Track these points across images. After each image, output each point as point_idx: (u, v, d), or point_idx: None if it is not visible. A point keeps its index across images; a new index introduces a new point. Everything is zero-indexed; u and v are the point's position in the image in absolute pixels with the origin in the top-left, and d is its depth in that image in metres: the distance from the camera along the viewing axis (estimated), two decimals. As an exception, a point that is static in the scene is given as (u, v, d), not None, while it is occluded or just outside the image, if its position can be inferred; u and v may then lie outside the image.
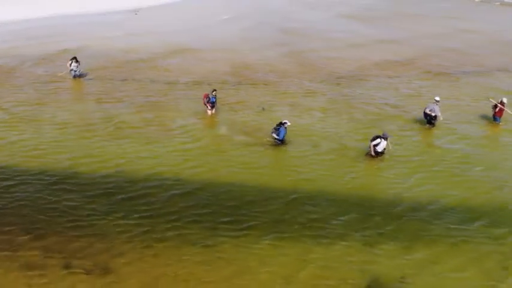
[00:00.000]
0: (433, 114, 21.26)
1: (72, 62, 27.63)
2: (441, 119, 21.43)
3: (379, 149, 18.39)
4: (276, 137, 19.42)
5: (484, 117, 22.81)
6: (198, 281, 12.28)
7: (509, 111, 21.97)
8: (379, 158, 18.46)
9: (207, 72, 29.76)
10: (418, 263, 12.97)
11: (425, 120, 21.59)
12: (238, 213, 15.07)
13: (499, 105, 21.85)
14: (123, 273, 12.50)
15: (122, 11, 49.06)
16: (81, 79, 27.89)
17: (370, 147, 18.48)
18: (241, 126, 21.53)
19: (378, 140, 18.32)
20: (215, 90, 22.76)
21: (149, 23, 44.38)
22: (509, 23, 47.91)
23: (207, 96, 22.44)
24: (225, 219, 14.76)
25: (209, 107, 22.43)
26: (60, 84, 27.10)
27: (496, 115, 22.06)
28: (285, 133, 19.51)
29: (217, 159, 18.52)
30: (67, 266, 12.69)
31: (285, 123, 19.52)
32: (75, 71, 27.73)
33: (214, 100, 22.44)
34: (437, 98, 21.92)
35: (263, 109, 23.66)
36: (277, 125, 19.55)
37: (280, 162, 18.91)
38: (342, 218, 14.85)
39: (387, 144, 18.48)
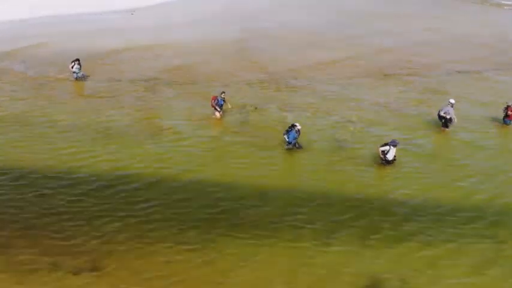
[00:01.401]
0: (448, 117, 21.07)
1: (74, 64, 27.37)
2: (455, 121, 21.14)
3: (390, 157, 18.02)
4: (286, 139, 19.13)
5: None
6: (185, 266, 13.01)
7: None
8: (390, 165, 18.17)
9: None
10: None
11: (440, 122, 21.39)
12: (231, 208, 15.72)
13: (511, 107, 21.70)
14: (113, 261, 13.12)
15: (119, 10, 48.53)
16: (81, 81, 27.70)
17: (380, 155, 18.18)
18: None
19: (387, 148, 17.94)
20: (224, 92, 22.60)
21: (125, 24, 43.91)
22: (484, 21, 47.21)
23: (215, 98, 22.25)
24: (211, 210, 15.53)
25: (218, 109, 22.25)
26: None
27: (508, 118, 21.86)
28: (295, 136, 19.10)
29: (211, 157, 19.24)
30: (56, 265, 12.89)
31: (295, 126, 19.10)
32: (77, 73, 27.51)
33: (222, 103, 22.27)
34: (452, 101, 21.55)
35: (255, 108, 23.47)
36: (289, 127, 19.20)
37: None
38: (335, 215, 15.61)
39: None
